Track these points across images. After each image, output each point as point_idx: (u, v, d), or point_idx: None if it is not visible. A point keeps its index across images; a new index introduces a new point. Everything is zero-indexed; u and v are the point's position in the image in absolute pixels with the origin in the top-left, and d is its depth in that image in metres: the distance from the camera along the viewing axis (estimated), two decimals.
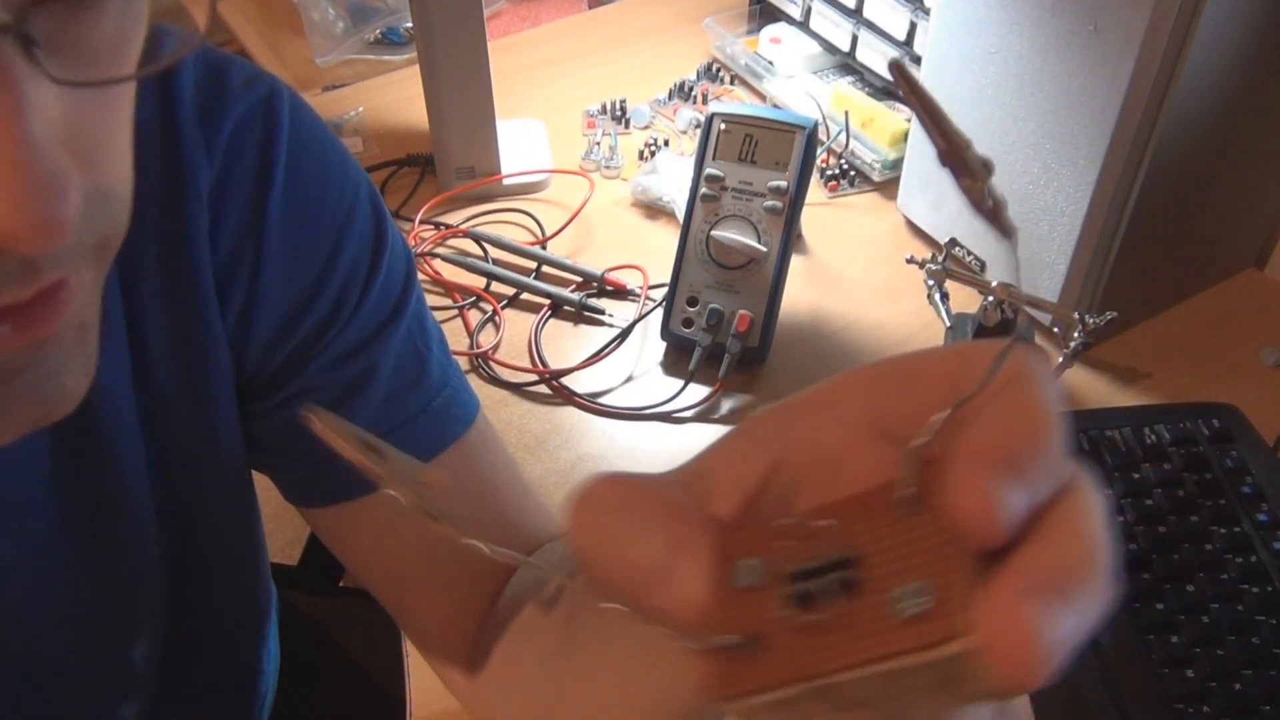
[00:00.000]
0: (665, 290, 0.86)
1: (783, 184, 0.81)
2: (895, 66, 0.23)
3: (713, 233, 0.82)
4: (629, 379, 0.86)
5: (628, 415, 0.83)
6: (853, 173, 1.03)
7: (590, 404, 0.83)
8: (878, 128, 1.02)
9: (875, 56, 1.06)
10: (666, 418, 0.83)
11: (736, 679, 0.23)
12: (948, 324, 0.86)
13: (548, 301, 0.92)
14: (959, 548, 0.22)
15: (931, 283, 0.87)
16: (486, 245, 0.97)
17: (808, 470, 0.26)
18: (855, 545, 0.23)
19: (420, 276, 0.94)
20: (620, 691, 0.40)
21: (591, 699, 0.44)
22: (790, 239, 0.82)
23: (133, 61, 0.32)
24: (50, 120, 0.28)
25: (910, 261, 0.88)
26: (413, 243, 0.97)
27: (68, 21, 0.29)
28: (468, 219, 1.01)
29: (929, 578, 0.22)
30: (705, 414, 0.83)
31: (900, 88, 0.24)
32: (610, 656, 0.42)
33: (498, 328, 0.89)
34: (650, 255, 0.95)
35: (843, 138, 1.04)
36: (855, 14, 1.07)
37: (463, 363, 0.87)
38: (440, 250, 0.97)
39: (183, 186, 0.48)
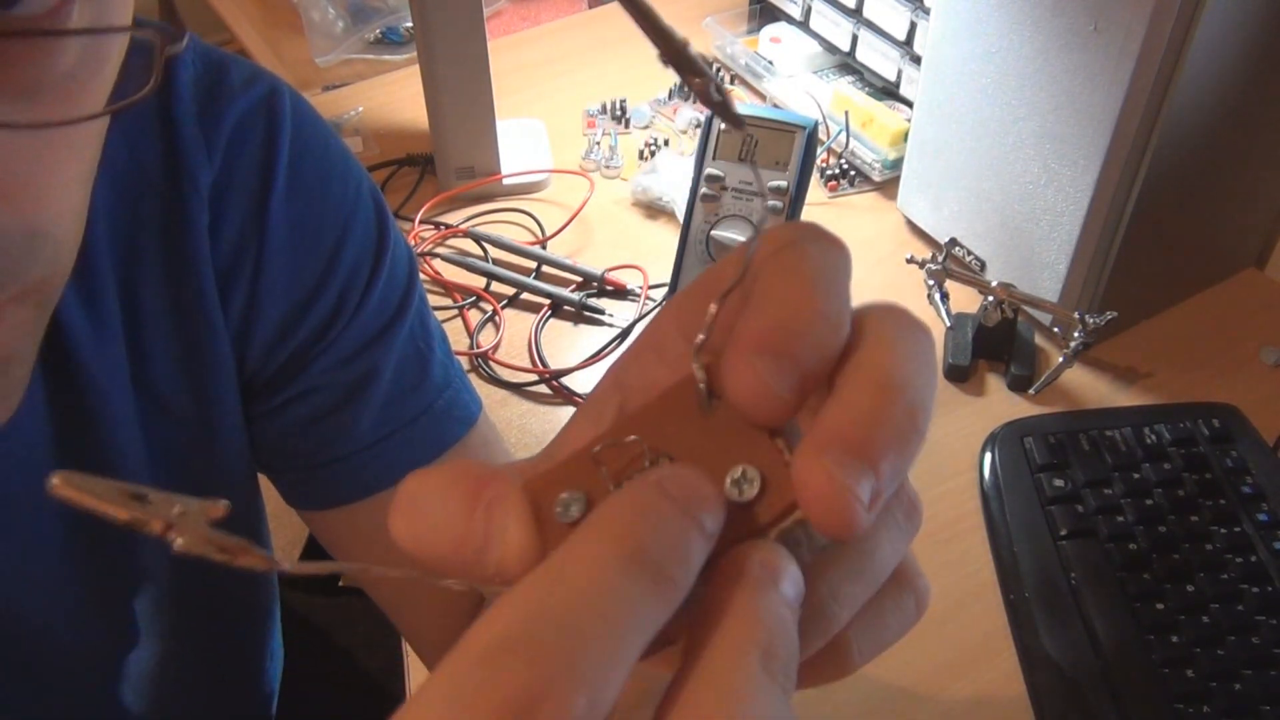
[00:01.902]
0: (665, 290, 0.86)
1: (783, 184, 0.81)
2: None
3: (713, 233, 0.82)
4: None
5: None
6: (853, 173, 1.03)
7: None
8: (878, 128, 1.02)
9: (875, 56, 1.06)
10: None
11: None
12: (947, 324, 0.86)
13: (548, 301, 0.92)
14: (758, 427, 0.23)
15: (931, 282, 0.87)
16: (486, 245, 0.97)
17: None
18: (667, 448, 0.24)
19: (420, 276, 0.94)
20: None
21: None
22: None
23: (87, 104, 0.32)
24: None
25: (910, 261, 0.88)
26: (413, 242, 0.97)
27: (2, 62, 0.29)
28: (468, 219, 1.01)
29: (748, 461, 0.23)
30: None
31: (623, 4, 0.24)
32: None
33: (498, 328, 0.89)
34: (650, 255, 0.94)
35: (843, 138, 1.04)
36: (855, 14, 1.07)
37: (463, 362, 0.87)
38: (440, 250, 0.97)
39: (182, 183, 0.48)
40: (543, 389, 0.85)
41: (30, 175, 0.31)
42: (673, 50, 0.24)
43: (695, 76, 0.24)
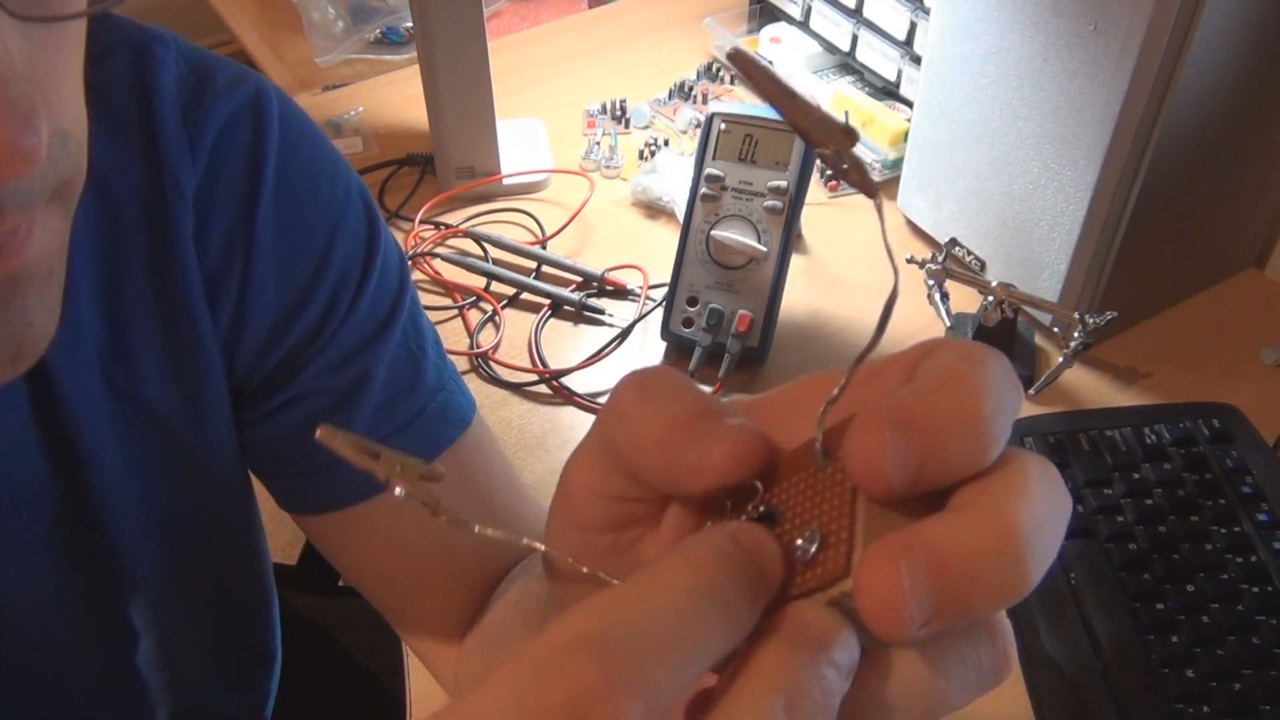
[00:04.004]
0: (665, 290, 0.86)
1: (783, 184, 0.81)
2: (735, 54, 0.24)
3: (713, 233, 0.82)
4: None
5: None
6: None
7: (590, 404, 0.83)
8: (878, 128, 1.01)
9: (875, 56, 1.06)
10: None
11: None
12: (947, 324, 0.86)
13: (548, 301, 0.92)
14: (852, 494, 0.23)
15: (931, 283, 0.87)
16: (486, 245, 0.97)
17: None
18: (777, 500, 0.25)
19: (420, 276, 0.94)
20: None
21: None
22: (790, 239, 0.82)
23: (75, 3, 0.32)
24: (12, 54, 0.28)
25: (910, 261, 0.88)
26: (413, 242, 0.97)
27: None
28: (468, 219, 1.01)
29: (820, 524, 0.23)
30: None
31: (743, 74, 0.24)
32: None
33: (498, 328, 0.89)
34: (650, 255, 0.94)
35: None
36: (855, 14, 1.07)
37: (463, 363, 0.87)
38: (440, 250, 0.96)
39: (165, 188, 0.47)
40: (543, 389, 0.85)
41: (56, 76, 0.31)
42: (816, 127, 0.24)
43: (827, 146, 0.24)
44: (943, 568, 0.21)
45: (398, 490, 0.25)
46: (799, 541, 0.23)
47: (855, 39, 1.08)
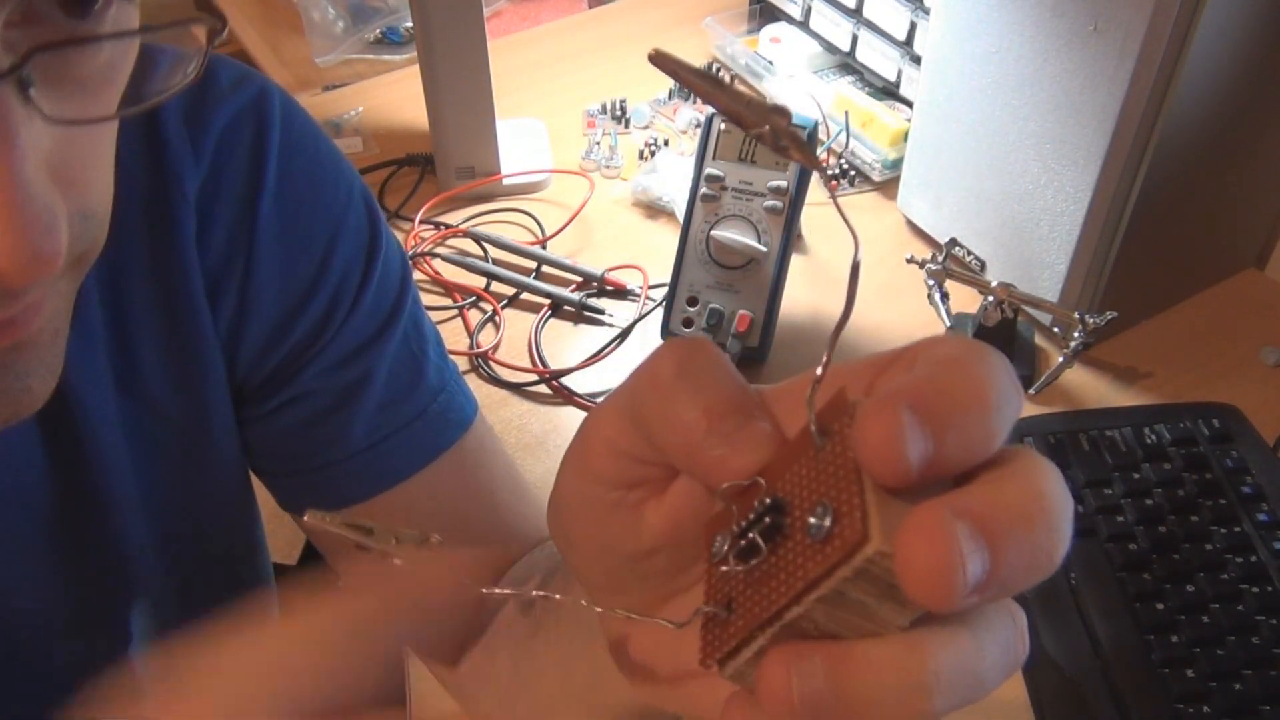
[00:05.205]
0: (665, 290, 0.86)
1: (783, 184, 0.81)
2: (655, 55, 0.25)
3: (713, 233, 0.82)
4: None
5: None
6: (853, 173, 1.03)
7: (590, 404, 0.83)
8: (878, 128, 1.02)
9: (875, 56, 1.06)
10: None
11: (714, 645, 0.25)
12: (947, 324, 0.86)
13: (548, 301, 0.92)
14: (855, 466, 0.23)
15: (932, 282, 0.87)
16: (486, 245, 0.97)
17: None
18: (782, 490, 0.25)
19: (420, 276, 0.94)
20: (563, 685, 0.40)
21: (543, 695, 0.44)
22: (790, 239, 0.82)
23: (119, 91, 0.33)
24: (40, 155, 0.29)
25: (910, 261, 0.88)
26: (413, 242, 0.97)
27: (63, 60, 0.30)
28: (468, 219, 1.01)
29: (829, 498, 0.23)
30: None
31: (667, 74, 0.25)
32: (562, 653, 0.42)
33: (498, 328, 0.89)
34: (650, 255, 0.94)
35: (843, 138, 1.04)
36: (855, 14, 1.07)
37: (463, 363, 0.87)
38: (440, 250, 0.97)
39: (168, 189, 0.47)
40: (543, 389, 0.85)
41: (86, 162, 0.32)
42: (748, 111, 0.24)
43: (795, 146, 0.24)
44: (992, 531, 0.20)
45: (397, 563, 0.26)
46: (811, 520, 0.23)
47: (855, 39, 1.08)
